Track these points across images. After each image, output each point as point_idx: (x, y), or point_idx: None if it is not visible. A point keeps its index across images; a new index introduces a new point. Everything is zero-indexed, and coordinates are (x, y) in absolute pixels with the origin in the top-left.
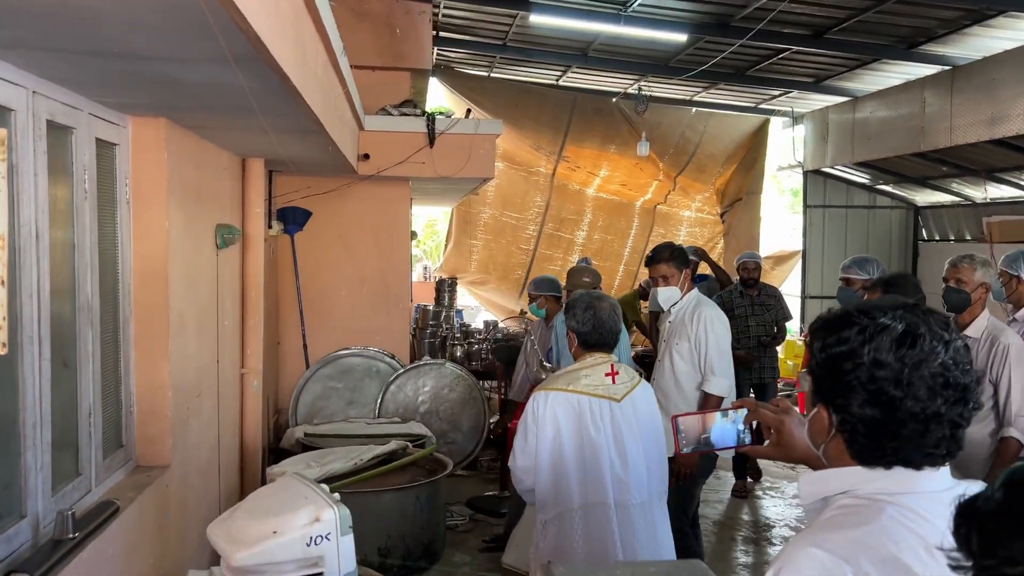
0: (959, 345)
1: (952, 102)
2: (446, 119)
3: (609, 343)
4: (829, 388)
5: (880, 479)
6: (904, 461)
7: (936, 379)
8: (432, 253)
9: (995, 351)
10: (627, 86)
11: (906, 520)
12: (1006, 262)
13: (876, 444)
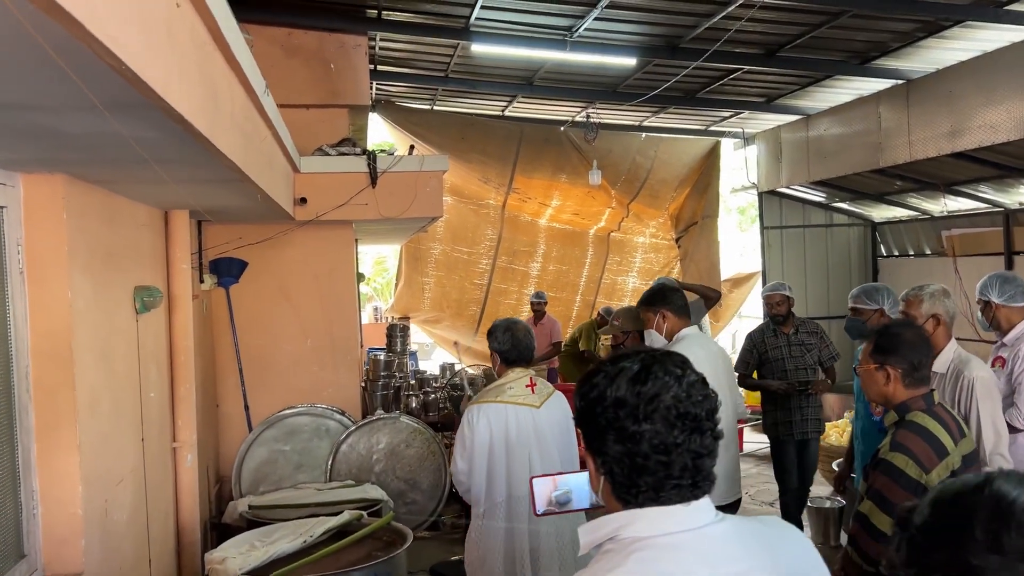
0: (692, 380)
1: (909, 116)
2: (388, 157)
3: (526, 359)
4: (589, 434)
5: (637, 521)
6: (655, 498)
7: (670, 411)
8: (383, 291)
9: (960, 385)
10: (575, 113)
11: (656, 561)
12: (979, 290)
13: (629, 481)
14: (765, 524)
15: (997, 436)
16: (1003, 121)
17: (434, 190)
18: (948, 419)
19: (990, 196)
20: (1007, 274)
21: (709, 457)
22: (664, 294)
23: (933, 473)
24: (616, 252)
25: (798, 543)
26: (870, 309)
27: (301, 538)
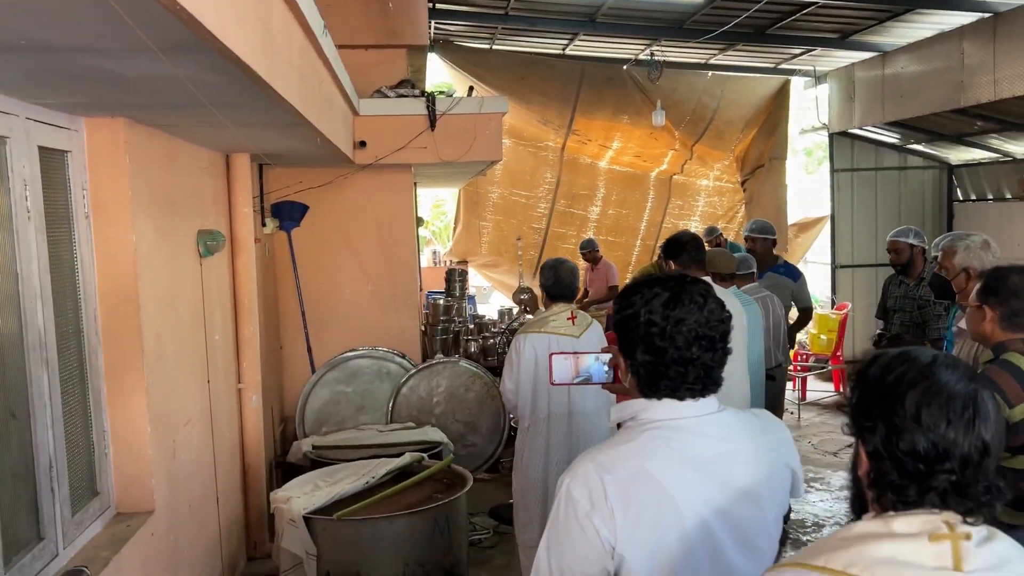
0: (712, 307)
1: (996, 52)
2: (447, 99)
3: (567, 296)
4: (623, 340)
5: (654, 408)
6: (671, 394)
7: (691, 333)
8: (441, 235)
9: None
10: (639, 52)
11: (665, 439)
12: None
13: (652, 381)
14: (758, 416)
15: None
16: None
17: (493, 133)
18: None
19: None
20: None
21: (718, 368)
22: (672, 248)
23: (1017, 408)
24: (678, 196)
25: (778, 432)
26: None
27: (364, 479)
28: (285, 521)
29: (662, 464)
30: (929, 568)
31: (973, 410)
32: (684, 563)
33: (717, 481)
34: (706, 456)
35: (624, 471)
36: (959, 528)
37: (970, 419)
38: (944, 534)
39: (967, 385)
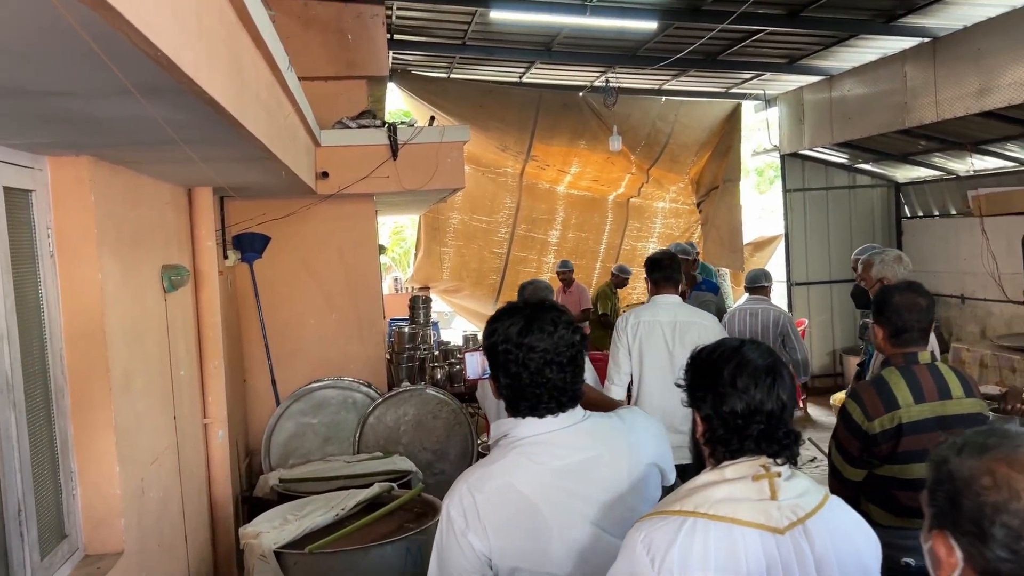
0: (562, 333)
1: (936, 75)
2: (409, 128)
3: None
4: (490, 365)
5: (519, 426)
6: (531, 413)
7: (541, 359)
8: (401, 261)
9: None
10: (594, 79)
11: (528, 454)
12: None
13: (514, 402)
14: (623, 418)
15: None
16: None
17: (455, 161)
18: (927, 379)
19: (1018, 155)
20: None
21: (572, 385)
22: (648, 266)
23: (875, 422)
24: (636, 218)
25: (642, 431)
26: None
27: (334, 511)
28: (256, 557)
29: (527, 478)
30: (754, 500)
31: (773, 378)
32: (557, 566)
33: (580, 487)
34: (568, 465)
35: (493, 488)
36: (772, 469)
37: (771, 384)
38: (762, 474)
39: (768, 359)
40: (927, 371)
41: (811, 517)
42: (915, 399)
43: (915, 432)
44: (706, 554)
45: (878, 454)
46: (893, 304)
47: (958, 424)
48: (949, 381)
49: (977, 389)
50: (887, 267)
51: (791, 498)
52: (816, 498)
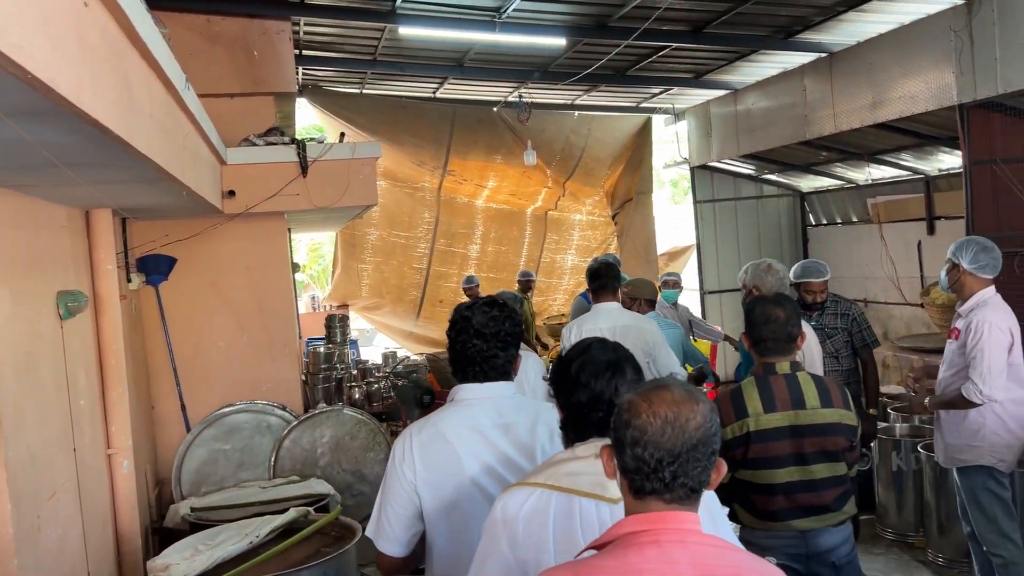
0: (495, 314)
1: (833, 88)
2: (319, 145)
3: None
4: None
5: (462, 390)
6: (469, 379)
7: (472, 330)
8: (319, 279)
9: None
10: (507, 94)
11: (461, 411)
12: (952, 251)
13: (459, 369)
14: (536, 404)
15: None
16: (921, 92)
17: (367, 177)
18: (782, 389)
19: (911, 164)
20: (986, 243)
21: (494, 359)
22: (588, 276)
23: (727, 428)
24: (554, 231)
25: (544, 415)
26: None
27: (247, 539)
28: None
29: (454, 429)
30: (594, 475)
31: (612, 372)
32: (462, 501)
33: (494, 443)
34: (489, 425)
35: (427, 433)
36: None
37: (610, 378)
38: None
39: (610, 356)
40: (783, 381)
41: None
42: (765, 408)
43: (763, 440)
44: (546, 519)
45: (733, 459)
46: (753, 316)
47: (812, 433)
48: (806, 391)
49: (841, 400)
50: (757, 276)
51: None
52: None
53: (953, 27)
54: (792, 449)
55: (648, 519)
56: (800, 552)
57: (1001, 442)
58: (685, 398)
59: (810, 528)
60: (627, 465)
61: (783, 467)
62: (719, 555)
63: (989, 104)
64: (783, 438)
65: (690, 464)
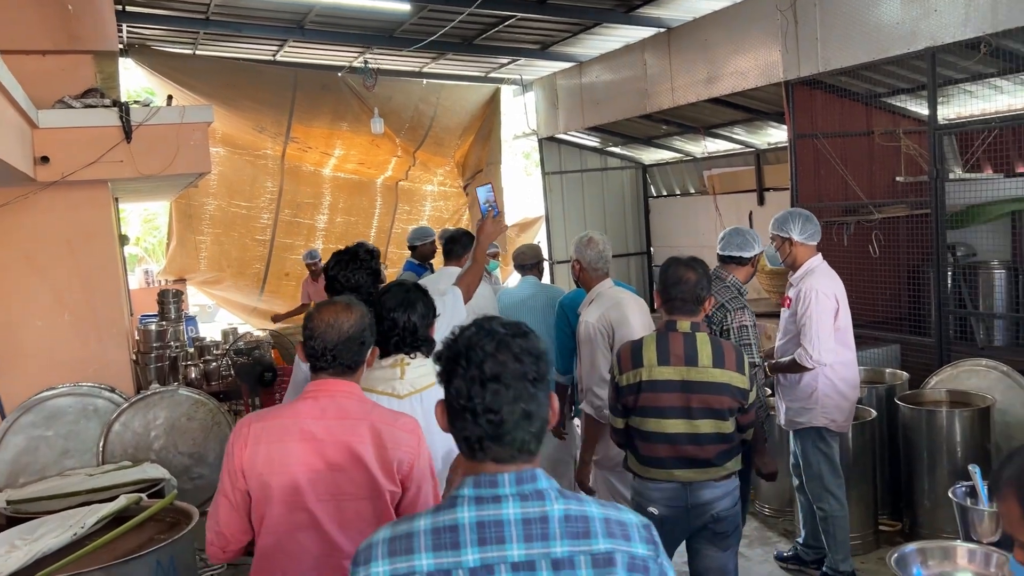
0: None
1: (671, 63)
2: (144, 108)
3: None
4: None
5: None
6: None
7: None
8: (155, 252)
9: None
10: (353, 59)
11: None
12: (775, 225)
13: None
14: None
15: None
16: (751, 68)
17: (199, 143)
18: (678, 345)
19: (743, 138)
20: (805, 212)
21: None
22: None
23: (624, 375)
24: (405, 201)
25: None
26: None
27: (71, 531)
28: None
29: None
30: (388, 379)
31: (406, 306)
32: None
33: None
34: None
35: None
36: (405, 360)
37: (406, 307)
38: (399, 362)
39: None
40: (681, 338)
41: (426, 389)
42: (659, 361)
43: (654, 390)
44: None
45: (626, 405)
46: (666, 276)
47: (700, 390)
48: (700, 350)
49: (734, 363)
50: (579, 249)
51: (413, 377)
52: (432, 379)
53: (779, 7)
54: (680, 402)
55: (316, 384)
56: (681, 503)
57: (832, 403)
58: (343, 308)
59: (691, 480)
60: (307, 352)
61: (670, 418)
62: (353, 404)
63: (811, 81)
64: (673, 391)
65: (344, 350)
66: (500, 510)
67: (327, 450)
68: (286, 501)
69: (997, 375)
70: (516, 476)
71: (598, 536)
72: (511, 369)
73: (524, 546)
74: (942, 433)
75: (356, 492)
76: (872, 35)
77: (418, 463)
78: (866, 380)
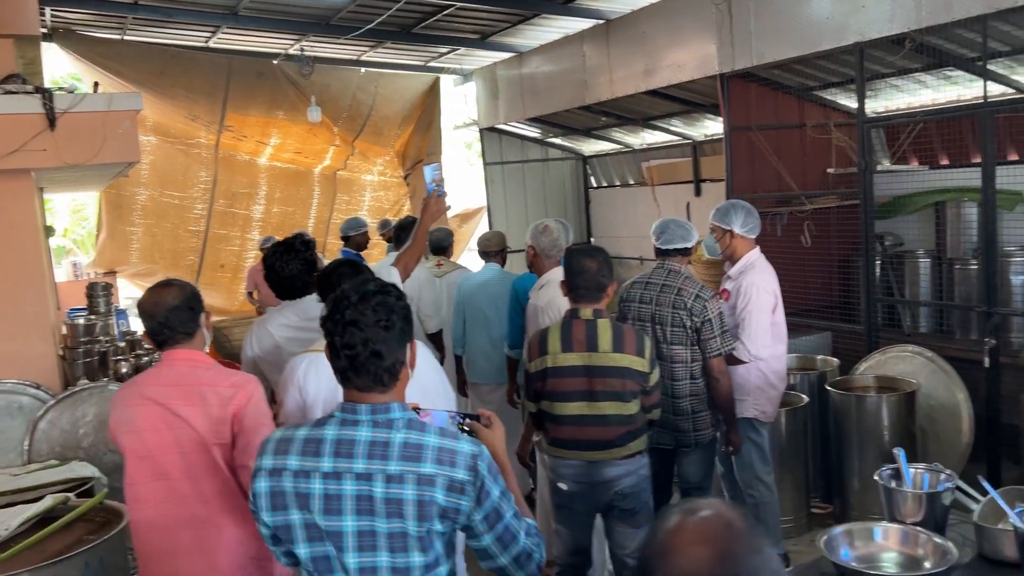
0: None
1: (610, 55)
2: (69, 95)
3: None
4: None
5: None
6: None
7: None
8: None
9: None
10: (289, 46)
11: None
12: (717, 216)
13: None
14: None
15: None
16: (687, 61)
17: (128, 131)
18: (580, 332)
19: (681, 130)
20: (747, 205)
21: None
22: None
23: (532, 363)
24: (344, 191)
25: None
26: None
27: None
28: None
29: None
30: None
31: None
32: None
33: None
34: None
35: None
36: None
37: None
38: None
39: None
40: (583, 325)
41: None
42: (563, 348)
43: (559, 376)
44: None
45: (536, 390)
46: (570, 265)
47: (602, 374)
48: (601, 336)
49: (634, 347)
50: (534, 236)
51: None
52: None
53: (715, 1)
54: (584, 386)
55: (163, 354)
56: (587, 480)
57: (764, 395)
58: (163, 286)
59: (595, 459)
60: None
61: (575, 401)
62: (186, 369)
63: (746, 75)
64: (577, 375)
65: (175, 321)
66: (355, 432)
67: (162, 411)
68: (136, 455)
69: (922, 360)
70: (372, 407)
71: (427, 461)
72: (367, 318)
73: (367, 462)
74: (870, 417)
75: (190, 446)
76: (803, 30)
77: (246, 416)
78: (798, 367)
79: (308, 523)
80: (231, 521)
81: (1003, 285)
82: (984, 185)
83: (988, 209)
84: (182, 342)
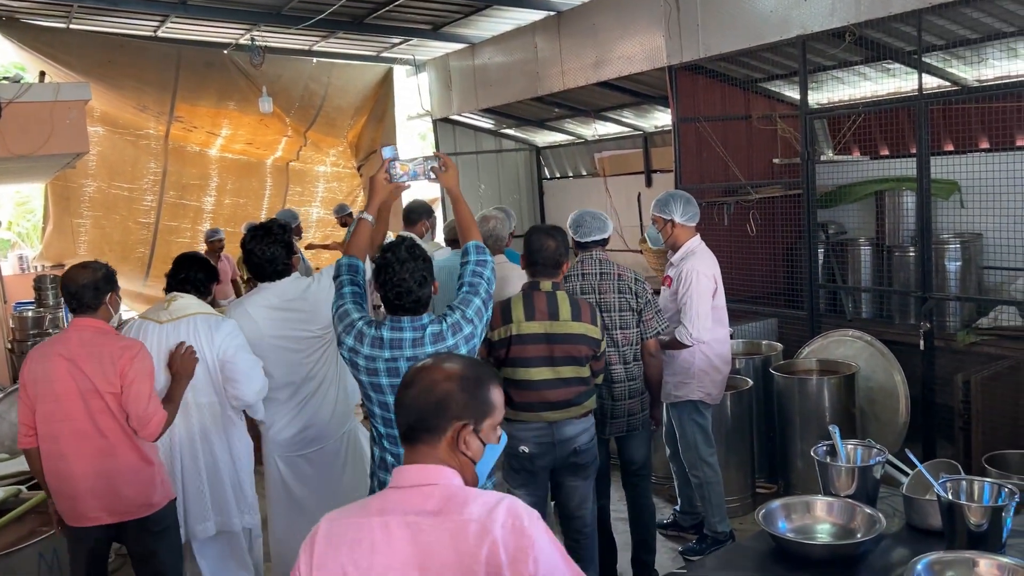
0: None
1: (561, 47)
2: (13, 85)
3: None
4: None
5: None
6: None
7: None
8: (29, 236)
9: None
10: (239, 36)
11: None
12: (657, 207)
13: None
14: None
15: None
16: (637, 53)
17: (76, 122)
18: (542, 303)
19: (631, 121)
20: (685, 194)
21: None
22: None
23: (495, 331)
24: (297, 182)
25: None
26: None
27: None
28: None
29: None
30: (158, 309)
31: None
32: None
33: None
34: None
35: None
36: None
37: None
38: (168, 298)
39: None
40: (544, 297)
41: (183, 319)
42: (526, 317)
43: (522, 343)
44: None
45: (498, 358)
46: (530, 243)
47: (561, 341)
48: (561, 307)
49: (589, 317)
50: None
51: (175, 310)
52: (191, 312)
53: None
54: (545, 352)
55: (72, 321)
56: (547, 440)
57: (708, 378)
58: (81, 267)
59: (556, 419)
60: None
61: (537, 367)
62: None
63: (693, 67)
64: (539, 343)
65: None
66: (402, 334)
67: (69, 365)
68: (47, 399)
69: (862, 344)
70: (411, 320)
71: (447, 338)
72: (409, 265)
73: (412, 350)
74: (812, 399)
75: (88, 394)
76: (748, 23)
77: (129, 371)
78: (744, 352)
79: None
80: (124, 450)
81: (938, 271)
82: (919, 175)
83: (923, 198)
84: (87, 313)
